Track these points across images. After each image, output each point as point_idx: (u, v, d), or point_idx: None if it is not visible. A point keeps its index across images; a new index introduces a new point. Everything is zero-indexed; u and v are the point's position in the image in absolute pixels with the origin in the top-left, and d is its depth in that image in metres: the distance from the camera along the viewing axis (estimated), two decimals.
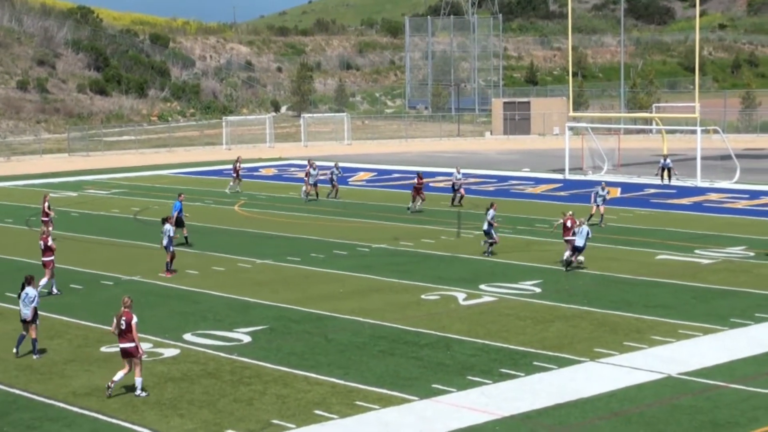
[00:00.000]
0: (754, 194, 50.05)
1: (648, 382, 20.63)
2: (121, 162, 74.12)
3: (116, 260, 35.03)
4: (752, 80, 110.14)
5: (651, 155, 69.05)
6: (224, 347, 23.64)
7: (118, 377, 20.19)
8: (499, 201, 47.53)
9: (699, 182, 54.38)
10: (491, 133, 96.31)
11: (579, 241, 31.83)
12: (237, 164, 54.66)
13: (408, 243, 37.47)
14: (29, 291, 22.88)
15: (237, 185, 54.26)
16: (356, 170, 63.92)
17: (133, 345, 20.12)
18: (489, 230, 34.55)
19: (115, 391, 20.20)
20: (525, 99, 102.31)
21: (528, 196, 51.04)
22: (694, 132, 57.83)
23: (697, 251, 35.03)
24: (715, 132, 62.08)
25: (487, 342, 23.77)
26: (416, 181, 45.63)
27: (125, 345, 20.20)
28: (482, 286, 29.73)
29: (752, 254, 34.34)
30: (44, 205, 38.52)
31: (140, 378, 20.21)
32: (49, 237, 29.71)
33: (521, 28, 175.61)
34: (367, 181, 58.94)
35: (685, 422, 18.35)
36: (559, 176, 59.36)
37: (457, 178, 47.00)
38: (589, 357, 22.41)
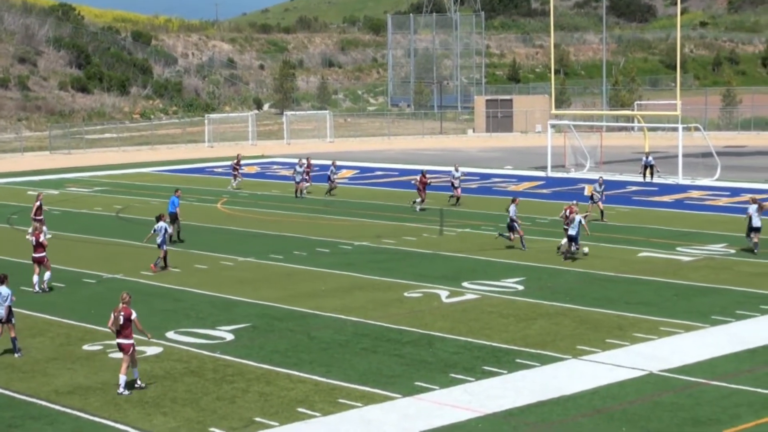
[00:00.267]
0: (735, 191, 50.25)
1: (630, 379, 20.70)
2: (103, 160, 73.90)
3: (98, 258, 34.94)
4: (733, 78, 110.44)
5: (633, 153, 69.23)
6: (207, 345, 23.62)
7: (123, 381, 20.25)
8: (482, 199, 47.78)
9: (680, 180, 54.58)
10: (474, 131, 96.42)
11: (571, 231, 32.91)
12: (237, 162, 55.11)
13: (390, 240, 37.49)
14: (2, 290, 22.76)
15: (236, 182, 54.63)
16: (339, 168, 63.82)
17: (131, 342, 20.28)
18: (513, 225, 35.01)
19: (98, 387, 20.17)
20: (507, 97, 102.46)
21: (510, 194, 51.08)
22: (676, 129, 58.03)
23: (679, 249, 35.16)
24: (697, 129, 62.31)
25: (470, 339, 23.81)
26: (419, 179, 45.50)
27: (122, 341, 20.35)
28: (465, 284, 29.78)
29: (733, 251, 34.50)
30: (37, 203, 38.71)
31: (136, 370, 20.39)
32: (42, 234, 29.77)
33: (503, 26, 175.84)
34: (350, 179, 58.90)
35: (667, 419, 18.43)
36: (542, 174, 59.48)
37: (455, 176, 46.72)
38: (572, 354, 22.48)
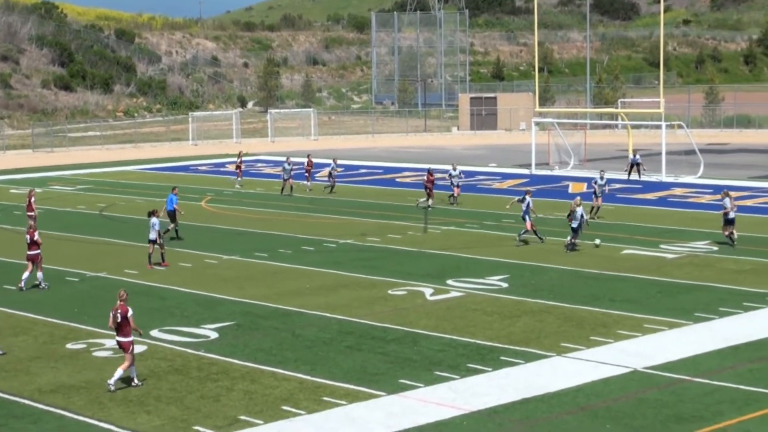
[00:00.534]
0: (718, 189, 50.13)
1: (614, 377, 20.75)
2: (87, 158, 73.66)
3: (82, 257, 34.84)
4: (715, 75, 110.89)
5: (617, 150, 69.42)
6: (191, 343, 23.58)
7: (118, 374, 20.31)
8: (465, 196, 47.76)
9: (664, 177, 54.72)
10: (458, 129, 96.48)
11: (573, 224, 33.97)
12: (239, 160, 55.31)
13: (375, 238, 37.49)
14: None
15: (237, 179, 55.01)
16: (323, 165, 63.78)
17: (129, 339, 20.34)
18: (525, 217, 35.61)
19: (82, 386, 20.12)
20: (491, 94, 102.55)
21: (495, 192, 51.16)
22: (659, 127, 58.17)
23: (663, 246, 35.26)
24: (680, 127, 62.43)
25: (455, 337, 23.83)
26: (426, 178, 45.43)
27: (121, 339, 20.43)
28: (449, 282, 29.80)
29: (716, 248, 34.61)
30: (29, 201, 38.76)
31: (121, 371, 20.39)
32: (36, 231, 29.74)
33: (487, 24, 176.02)
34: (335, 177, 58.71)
35: (651, 416, 18.49)
36: (526, 171, 59.56)
37: (453, 175, 46.56)
38: (556, 352, 22.52)
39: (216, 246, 36.35)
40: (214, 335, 24.31)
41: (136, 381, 20.49)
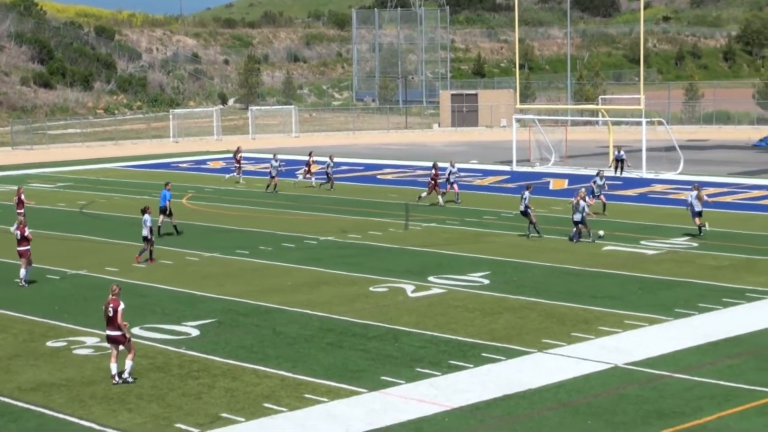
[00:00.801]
0: (698, 185, 50.47)
1: (595, 373, 20.82)
2: (67, 155, 73.39)
3: (62, 254, 34.72)
4: (695, 72, 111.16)
5: (597, 147, 69.59)
6: (172, 341, 23.53)
7: (114, 370, 20.32)
8: (447, 193, 47.73)
9: (644, 173, 54.89)
10: (439, 125, 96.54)
11: (576, 216, 34.77)
12: (238, 155, 55.29)
13: (356, 235, 37.48)
14: None
15: (239, 176, 54.97)
16: (304, 163, 63.71)
17: (120, 333, 20.30)
18: (526, 211, 35.96)
19: (62, 384, 20.06)
20: (472, 91, 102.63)
21: (476, 188, 51.24)
22: (639, 124, 58.36)
23: (643, 242, 35.38)
24: (660, 123, 62.67)
25: (436, 334, 23.86)
26: (433, 173, 45.32)
27: (112, 332, 20.38)
28: (431, 278, 29.83)
29: (696, 245, 34.76)
30: (19, 196, 38.67)
31: (131, 362, 20.41)
32: (26, 227, 29.67)
33: (468, 21, 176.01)
34: (315, 174, 58.65)
35: (632, 412, 18.55)
36: (507, 168, 59.65)
37: (452, 172, 46.40)
38: (537, 348, 22.57)
39: (197, 243, 36.28)
40: (195, 332, 24.27)
41: (120, 378, 20.37)
